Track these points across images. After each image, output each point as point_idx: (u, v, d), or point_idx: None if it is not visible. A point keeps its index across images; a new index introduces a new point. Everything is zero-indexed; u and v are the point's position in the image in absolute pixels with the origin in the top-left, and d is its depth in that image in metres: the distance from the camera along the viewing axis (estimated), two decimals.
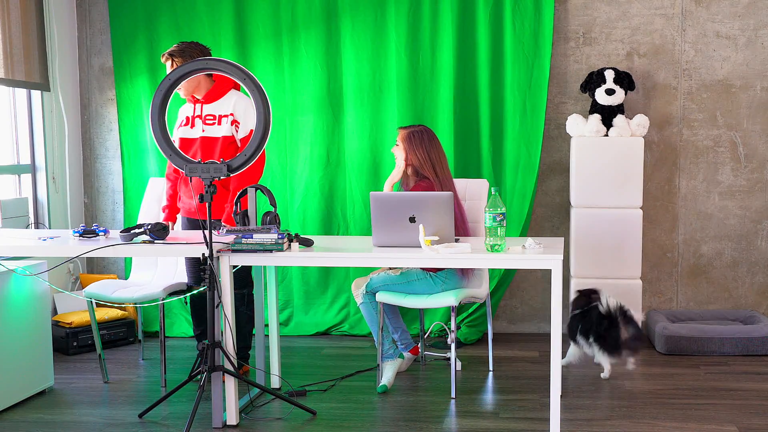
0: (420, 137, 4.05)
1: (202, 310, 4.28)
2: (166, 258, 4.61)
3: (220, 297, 3.51)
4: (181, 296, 4.35)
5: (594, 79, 4.82)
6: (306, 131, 5.22)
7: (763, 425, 3.57)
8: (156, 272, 4.63)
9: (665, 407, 3.81)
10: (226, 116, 4.13)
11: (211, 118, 4.14)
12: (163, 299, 4.22)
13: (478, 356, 4.70)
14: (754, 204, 5.07)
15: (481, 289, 4.20)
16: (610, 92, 4.76)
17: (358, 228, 5.18)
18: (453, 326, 3.95)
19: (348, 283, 5.28)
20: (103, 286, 4.38)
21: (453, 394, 3.97)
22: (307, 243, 3.63)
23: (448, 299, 3.95)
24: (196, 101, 4.20)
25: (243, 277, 4.19)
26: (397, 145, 4.12)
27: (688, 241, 5.13)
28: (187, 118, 4.24)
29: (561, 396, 3.47)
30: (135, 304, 4.46)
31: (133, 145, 5.39)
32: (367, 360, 4.65)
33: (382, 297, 4.09)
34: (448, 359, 4.58)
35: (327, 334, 5.28)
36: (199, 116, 4.18)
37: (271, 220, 3.72)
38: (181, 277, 4.48)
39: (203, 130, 4.14)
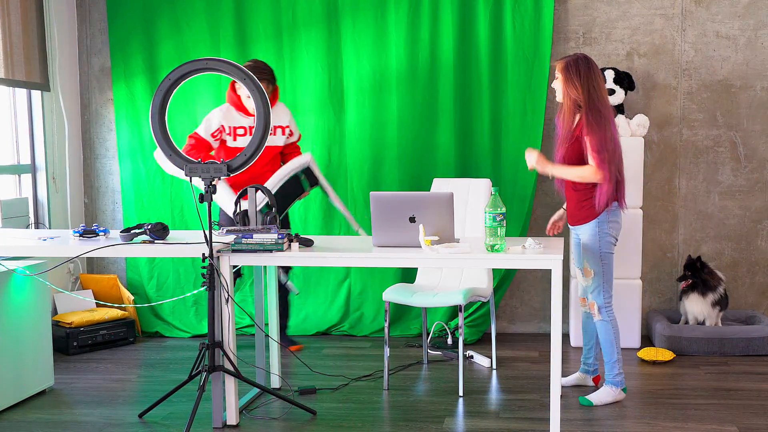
0: (576, 65, 3.73)
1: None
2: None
3: (229, 295, 3.52)
4: (181, 296, 4.34)
5: None
6: (307, 131, 5.21)
7: (763, 425, 3.57)
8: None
9: (665, 407, 3.81)
10: (282, 127, 4.58)
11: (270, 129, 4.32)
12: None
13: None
14: (754, 204, 5.07)
15: (486, 287, 4.21)
16: (610, 92, 4.76)
17: None
18: (461, 322, 3.95)
19: (348, 283, 5.28)
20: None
21: (461, 392, 3.99)
22: (307, 243, 3.64)
23: (455, 298, 3.95)
24: (250, 114, 4.45)
25: None
26: (556, 77, 3.82)
27: (688, 241, 5.13)
28: (245, 128, 4.46)
29: (561, 396, 3.47)
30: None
31: (130, 145, 5.39)
32: (367, 360, 4.65)
33: (388, 296, 4.09)
34: (471, 357, 4.61)
35: (327, 334, 5.28)
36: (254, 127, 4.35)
37: (271, 220, 3.72)
38: None
39: None
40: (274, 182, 4.17)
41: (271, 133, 4.36)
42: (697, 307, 4.75)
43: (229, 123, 4.49)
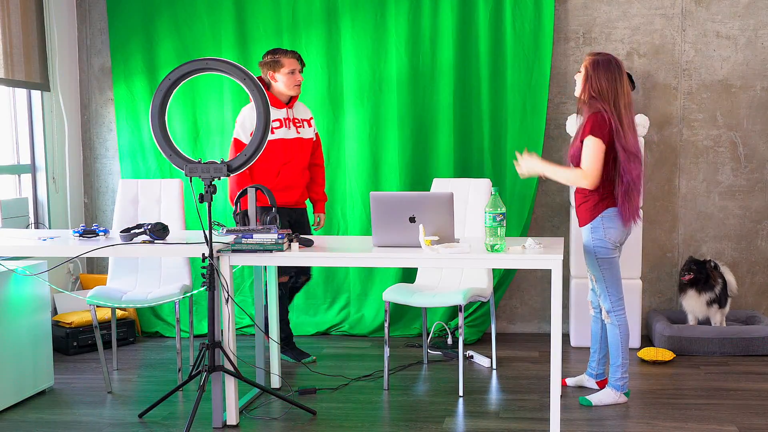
0: (607, 65, 3.69)
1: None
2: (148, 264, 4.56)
3: (229, 295, 3.52)
4: (186, 295, 4.35)
5: None
6: None
7: (763, 425, 3.57)
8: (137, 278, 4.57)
9: (665, 407, 3.81)
10: (307, 120, 4.55)
11: (299, 121, 4.50)
12: (182, 297, 4.21)
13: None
14: (754, 204, 5.07)
15: (486, 287, 4.21)
16: None
17: (358, 228, 5.18)
18: (461, 322, 3.95)
19: (348, 283, 5.28)
20: (107, 291, 4.32)
21: (461, 392, 3.99)
22: (307, 243, 3.64)
23: (455, 298, 3.95)
24: (282, 105, 4.45)
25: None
26: (579, 71, 3.78)
27: (688, 241, 5.13)
28: (280, 120, 4.44)
29: (561, 396, 3.47)
30: (150, 305, 4.34)
31: (130, 145, 5.39)
32: (367, 360, 4.65)
33: (388, 296, 4.10)
34: (471, 357, 4.61)
35: (327, 334, 5.28)
36: (289, 119, 4.47)
37: (271, 220, 3.72)
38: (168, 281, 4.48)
39: (298, 132, 4.46)
40: None
41: (299, 126, 4.48)
42: (692, 303, 4.76)
43: None
